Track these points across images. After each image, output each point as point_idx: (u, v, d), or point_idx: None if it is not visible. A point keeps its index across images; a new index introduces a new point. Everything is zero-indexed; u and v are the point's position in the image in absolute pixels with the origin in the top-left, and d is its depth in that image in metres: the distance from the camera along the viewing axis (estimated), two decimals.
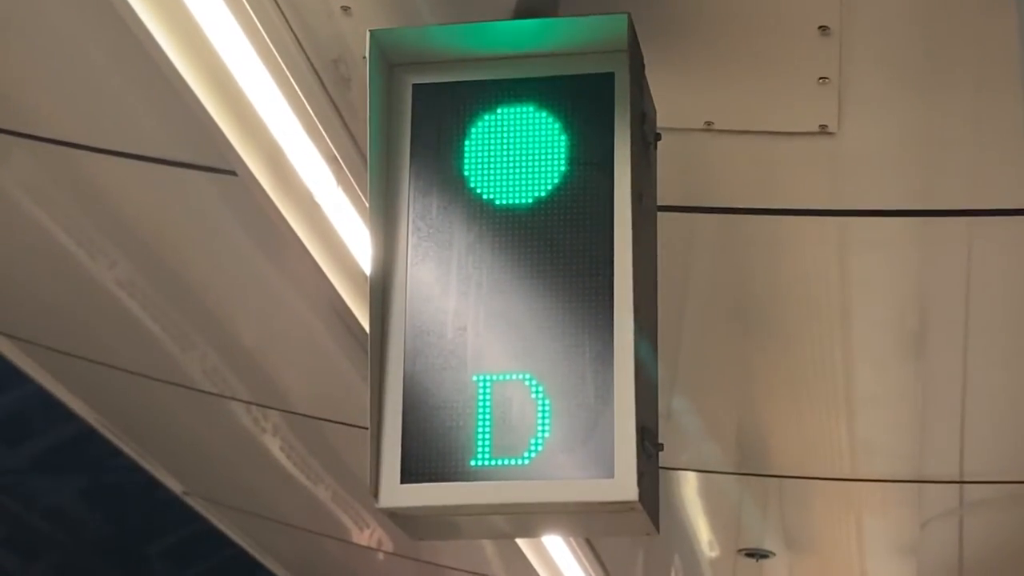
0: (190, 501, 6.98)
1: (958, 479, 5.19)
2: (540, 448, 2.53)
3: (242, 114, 3.23)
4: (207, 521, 7.20)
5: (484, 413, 2.57)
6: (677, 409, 4.63)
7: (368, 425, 2.80)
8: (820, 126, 3.12)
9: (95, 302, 4.86)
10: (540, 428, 2.54)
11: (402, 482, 2.55)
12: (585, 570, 6.18)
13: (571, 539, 5.73)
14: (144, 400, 5.54)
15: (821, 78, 2.93)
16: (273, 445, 6.11)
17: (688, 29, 2.91)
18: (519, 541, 5.71)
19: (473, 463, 2.55)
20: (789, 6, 2.83)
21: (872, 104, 3.14)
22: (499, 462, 2.55)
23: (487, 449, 2.54)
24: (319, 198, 3.53)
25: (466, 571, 7.47)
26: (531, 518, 2.76)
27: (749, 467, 5.40)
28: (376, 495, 2.56)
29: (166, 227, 4.52)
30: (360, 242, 3.67)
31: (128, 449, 6.35)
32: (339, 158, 3.40)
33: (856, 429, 4.99)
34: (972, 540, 5.98)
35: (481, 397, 2.58)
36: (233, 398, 5.66)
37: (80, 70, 3.61)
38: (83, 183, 4.35)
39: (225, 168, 3.53)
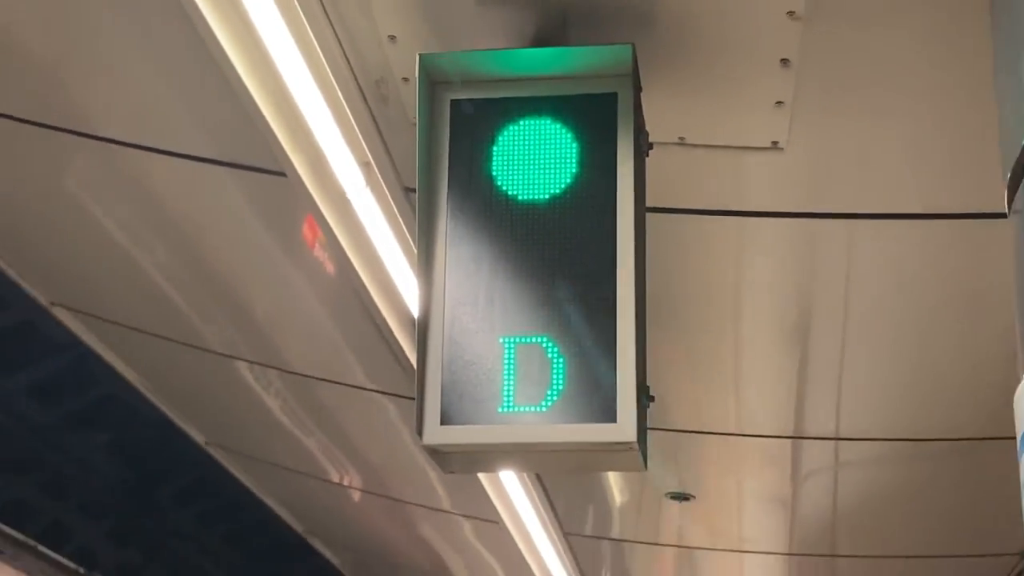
0: (209, 450, 6.81)
1: (834, 436, 5.17)
2: (556, 398, 2.58)
3: (295, 123, 3.27)
4: (219, 466, 7.05)
5: (509, 369, 2.62)
6: None
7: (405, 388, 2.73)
8: (772, 142, 3.15)
9: (140, 283, 4.85)
10: (555, 381, 2.59)
11: (441, 424, 2.62)
12: (534, 498, 6.05)
13: (525, 477, 5.68)
14: (172, 361, 5.52)
15: (778, 102, 2.97)
16: (275, 403, 6.11)
17: (670, 59, 2.90)
18: (481, 479, 5.65)
19: (500, 410, 2.61)
20: (758, 42, 2.82)
21: (817, 124, 3.14)
22: (521, 409, 2.60)
23: (511, 398, 2.60)
24: (351, 196, 3.57)
25: (424, 506, 7.33)
26: (545, 455, 2.82)
27: (670, 422, 5.16)
28: (420, 434, 2.61)
29: (209, 221, 4.51)
30: (382, 235, 3.74)
31: (159, 403, 6.21)
32: (372, 163, 3.42)
33: (742, 396, 5.03)
34: (845, 493, 5.97)
35: (507, 355, 2.63)
36: (240, 358, 5.63)
37: (147, 78, 3.55)
38: (132, 180, 4.27)
39: (276, 170, 3.58)
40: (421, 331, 2.68)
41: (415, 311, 2.96)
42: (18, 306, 6.07)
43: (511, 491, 5.90)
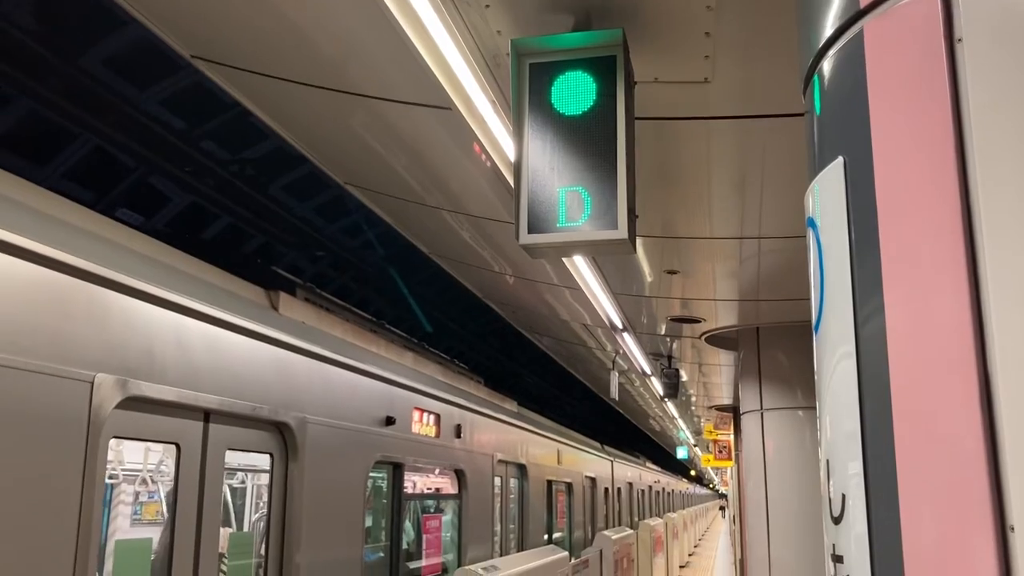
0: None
1: (758, 236, 5.89)
2: (586, 218, 3.32)
3: (455, 79, 4.03)
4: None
5: (562, 204, 3.36)
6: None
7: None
8: (704, 78, 3.86)
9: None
10: (586, 210, 3.32)
11: (528, 233, 3.39)
12: (595, 275, 7.11)
13: (590, 259, 6.54)
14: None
15: (706, 56, 3.71)
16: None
17: (645, 36, 3.59)
18: (571, 262, 6.46)
19: (558, 225, 3.36)
20: (691, 25, 3.45)
21: (730, 68, 3.79)
22: (569, 224, 3.34)
23: (564, 218, 3.35)
24: (487, 118, 4.41)
25: (543, 282, 8.00)
26: (583, 247, 3.41)
27: (667, 233, 5.93)
28: (518, 238, 3.37)
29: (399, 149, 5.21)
30: (504, 140, 4.64)
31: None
32: (495, 100, 4.26)
33: (714, 224, 5.67)
34: (765, 266, 6.73)
35: (561, 197, 3.37)
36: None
37: (368, 57, 4.06)
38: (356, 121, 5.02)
39: (444, 106, 4.34)
40: (515, 183, 3.44)
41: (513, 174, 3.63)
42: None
43: (581, 267, 6.73)
